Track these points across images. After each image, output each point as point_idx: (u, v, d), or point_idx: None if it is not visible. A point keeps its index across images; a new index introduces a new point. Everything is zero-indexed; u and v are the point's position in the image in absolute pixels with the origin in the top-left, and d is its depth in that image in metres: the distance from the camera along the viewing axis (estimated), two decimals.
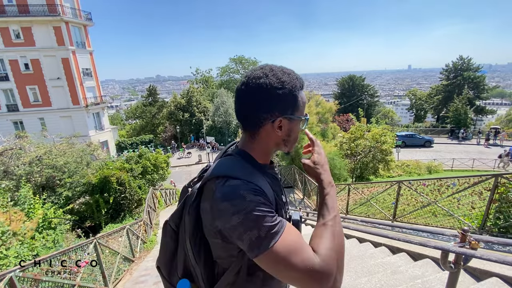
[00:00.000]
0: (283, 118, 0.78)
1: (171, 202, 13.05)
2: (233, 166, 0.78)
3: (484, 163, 17.13)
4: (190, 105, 32.12)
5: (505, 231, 3.86)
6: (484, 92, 32.88)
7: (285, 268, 0.68)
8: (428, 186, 4.92)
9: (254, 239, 0.68)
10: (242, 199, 0.69)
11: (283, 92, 0.76)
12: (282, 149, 0.86)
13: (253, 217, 0.68)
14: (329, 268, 0.68)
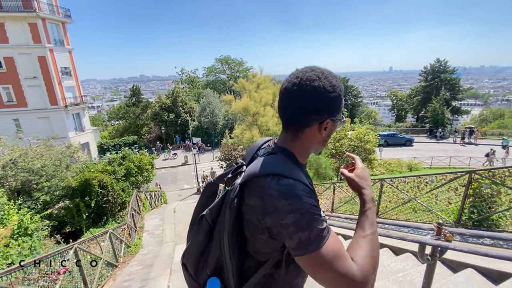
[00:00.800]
0: (330, 120, 0.81)
1: (156, 205, 12.78)
2: (282, 164, 0.79)
3: (460, 161, 18.01)
4: (175, 105, 31.62)
5: (478, 224, 4.07)
6: (459, 93, 34.57)
7: (325, 272, 0.71)
8: (408, 183, 5.12)
9: (304, 240, 0.70)
10: (299, 199, 0.71)
11: (334, 96, 0.79)
12: (318, 149, 0.89)
13: (307, 218, 0.70)
14: (366, 279, 0.70)
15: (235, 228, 0.80)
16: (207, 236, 0.87)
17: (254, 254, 0.83)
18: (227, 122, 30.54)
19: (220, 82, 43.79)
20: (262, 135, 11.34)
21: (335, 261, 0.70)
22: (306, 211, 0.71)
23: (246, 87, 12.75)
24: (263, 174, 0.77)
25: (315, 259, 0.71)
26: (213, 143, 29.10)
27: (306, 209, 0.71)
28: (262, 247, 0.81)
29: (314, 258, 0.71)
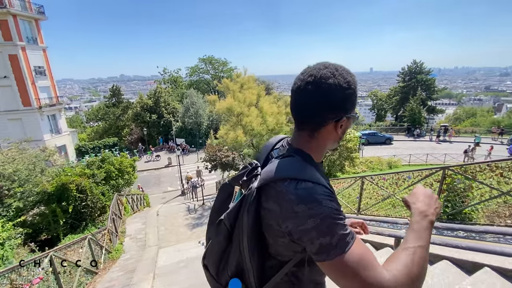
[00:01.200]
0: (346, 118, 0.79)
1: (138, 208, 12.43)
2: (299, 167, 0.76)
3: (436, 158, 18.90)
4: (157, 106, 30.89)
5: (453, 217, 4.29)
6: (434, 93, 36.25)
7: (349, 279, 0.67)
8: (388, 180, 5.30)
9: (325, 245, 0.68)
10: (319, 203, 0.69)
11: (349, 93, 0.77)
12: (333, 147, 0.87)
13: (328, 223, 0.68)
14: (397, 284, 0.64)
15: (254, 231, 0.79)
16: (226, 239, 0.85)
17: (276, 255, 0.83)
18: (212, 122, 30.26)
19: (204, 82, 43.31)
20: (247, 135, 11.35)
21: (361, 268, 0.66)
22: (327, 215, 0.68)
23: (230, 87, 12.69)
24: (280, 178, 0.75)
25: (338, 265, 0.68)
26: (198, 144, 28.73)
27: (327, 213, 0.68)
28: (284, 250, 0.80)
29: (336, 264, 0.68)
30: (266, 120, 11.54)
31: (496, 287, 2.21)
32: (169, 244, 7.43)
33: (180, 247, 6.65)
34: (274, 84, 52.27)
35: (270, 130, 12.19)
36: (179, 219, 9.74)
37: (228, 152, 16.25)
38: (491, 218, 3.94)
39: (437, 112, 37.24)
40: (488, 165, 3.86)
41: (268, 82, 43.26)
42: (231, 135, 10.57)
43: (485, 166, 3.86)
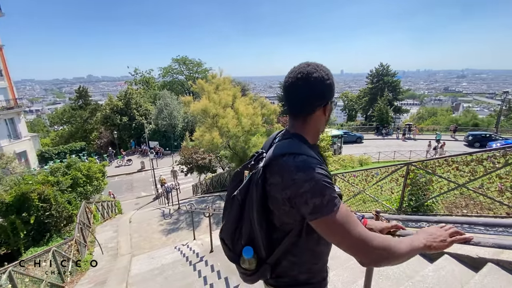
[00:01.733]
0: (328, 104, 0.96)
1: (109, 216, 11.80)
2: (296, 145, 0.92)
3: (402, 154, 20.15)
4: (128, 107, 29.59)
5: (416, 210, 4.61)
6: (400, 94, 38.71)
7: (340, 235, 0.83)
8: (358, 177, 5.56)
9: (318, 204, 0.82)
10: (313, 170, 0.83)
11: (329, 83, 0.94)
12: (322, 129, 1.03)
13: (320, 186, 0.82)
14: (378, 251, 0.81)
15: (261, 205, 0.93)
16: (239, 213, 0.99)
17: (280, 226, 0.96)
18: (187, 124, 29.62)
19: (178, 83, 42.26)
20: (223, 137, 11.24)
21: (349, 225, 0.82)
22: (319, 179, 0.83)
23: (205, 88, 12.50)
24: (281, 154, 0.90)
25: (329, 222, 0.83)
26: (173, 147, 27.95)
27: (319, 178, 0.83)
28: (286, 218, 0.93)
29: (327, 221, 0.83)
30: (242, 121, 11.53)
31: (454, 273, 2.42)
32: (143, 251, 7.15)
33: (154, 254, 6.41)
34: (250, 86, 52.51)
35: (246, 131, 12.20)
36: (153, 225, 9.39)
37: (205, 154, 16.00)
38: (450, 209, 4.29)
39: (402, 111, 39.79)
40: (445, 160, 4.20)
41: (244, 83, 43.31)
42: (206, 137, 10.40)
43: (443, 161, 4.20)
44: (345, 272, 2.85)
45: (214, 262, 4.63)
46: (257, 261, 1.00)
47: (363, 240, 0.82)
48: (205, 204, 11.19)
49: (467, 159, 3.89)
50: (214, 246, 5.45)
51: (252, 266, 1.00)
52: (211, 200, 12.12)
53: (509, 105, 33.06)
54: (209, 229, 5.47)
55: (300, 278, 1.02)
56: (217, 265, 4.48)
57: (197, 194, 16.88)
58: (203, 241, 6.53)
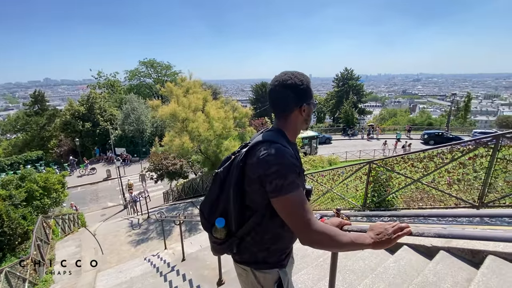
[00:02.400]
0: (306, 105, 1.13)
1: (71, 230, 10.91)
2: (275, 135, 1.09)
3: (367, 153, 21.37)
4: (92, 113, 27.75)
5: (379, 205, 4.92)
6: (363, 97, 41.17)
7: (293, 216, 0.99)
8: (325, 176, 5.79)
9: (279, 185, 0.96)
10: (283, 157, 0.99)
11: (303, 88, 1.10)
12: (303, 127, 1.19)
13: (285, 170, 0.97)
14: (319, 236, 0.97)
15: (238, 183, 1.07)
16: (218, 188, 1.14)
17: (250, 204, 1.09)
18: (156, 129, 28.55)
19: (145, 87, 40.61)
20: (194, 141, 11.02)
21: (302, 210, 0.97)
22: (286, 164, 0.98)
23: (174, 91, 12.19)
24: (260, 141, 1.06)
25: (285, 202, 0.98)
26: (141, 153, 26.74)
27: (287, 164, 0.98)
28: (256, 197, 1.06)
29: (283, 199, 0.98)
30: (213, 125, 11.42)
31: (412, 262, 2.63)
32: (110, 265, 6.72)
33: (122, 267, 6.05)
34: (222, 89, 52.15)
35: (218, 135, 12.10)
36: (121, 236, 8.86)
37: (175, 160, 15.52)
38: (408, 203, 4.64)
39: (366, 113, 42.33)
40: (402, 157, 4.55)
41: (216, 86, 42.96)
42: (176, 141, 10.11)
43: (400, 159, 4.54)
44: (315, 270, 2.94)
45: (186, 271, 4.51)
46: (226, 232, 1.15)
47: (307, 223, 0.97)
48: (176, 212, 10.85)
49: (421, 156, 4.25)
50: (186, 254, 5.30)
51: (222, 235, 1.15)
52: (183, 207, 11.78)
53: (457, 106, 36.72)
54: (180, 237, 5.31)
55: (258, 256, 1.16)
56: (189, 273, 4.37)
57: (168, 201, 16.29)
58: (175, 250, 6.33)
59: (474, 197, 3.72)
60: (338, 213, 1.69)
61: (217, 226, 1.13)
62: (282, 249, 1.19)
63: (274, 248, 1.16)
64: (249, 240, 1.15)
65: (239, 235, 1.14)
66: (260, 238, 1.13)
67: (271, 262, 1.17)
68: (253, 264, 1.18)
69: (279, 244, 1.17)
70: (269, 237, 1.13)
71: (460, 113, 35.48)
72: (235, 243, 1.16)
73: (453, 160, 3.85)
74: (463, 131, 30.07)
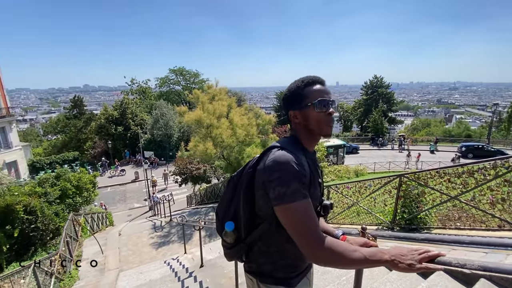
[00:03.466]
0: (292, 111, 1.10)
1: (100, 228, 11.47)
2: (287, 141, 1.07)
3: (397, 165, 20.20)
4: (124, 117, 29.45)
5: (409, 222, 4.52)
6: (394, 106, 39.23)
7: (297, 227, 0.91)
8: (351, 188, 5.48)
9: (282, 193, 0.91)
10: (287, 163, 0.93)
11: (287, 96, 1.11)
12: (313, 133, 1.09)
13: (288, 177, 0.91)
14: (325, 252, 0.88)
15: (248, 188, 1.05)
16: (232, 191, 1.13)
17: (258, 212, 1.06)
18: (183, 134, 29.51)
19: (174, 93, 42.40)
20: (217, 147, 11.15)
21: (304, 219, 0.90)
22: (289, 172, 0.92)
23: (201, 98, 12.51)
24: (271, 147, 1.04)
25: (287, 210, 0.91)
26: (168, 157, 27.72)
27: (290, 171, 0.92)
28: (262, 203, 1.01)
29: (286, 209, 0.91)
30: (236, 132, 11.48)
31: None
32: (132, 266, 6.89)
33: (143, 269, 6.17)
34: (246, 96, 52.85)
35: (240, 141, 12.13)
36: (143, 238, 9.11)
37: (199, 165, 15.82)
38: (443, 222, 4.21)
39: (397, 122, 40.23)
40: (437, 172, 4.16)
41: (241, 94, 43.63)
42: (200, 147, 10.29)
43: (435, 173, 4.15)
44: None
45: (203, 278, 4.45)
46: (235, 237, 1.13)
47: (314, 237, 0.89)
48: (197, 216, 10.96)
49: (459, 171, 3.85)
50: (205, 260, 5.26)
51: (231, 240, 1.13)
52: (204, 212, 11.88)
53: (500, 117, 33.65)
54: (199, 243, 5.29)
55: (265, 268, 1.11)
56: (206, 281, 4.30)
57: (191, 205, 16.59)
58: (194, 255, 6.32)
59: None
60: (364, 232, 1.52)
61: (226, 230, 1.12)
62: (291, 265, 1.12)
63: (281, 263, 1.10)
64: (256, 250, 1.11)
65: (247, 242, 1.11)
66: (267, 249, 1.09)
67: (277, 277, 1.10)
68: (259, 275, 1.12)
69: (286, 259, 1.10)
70: (275, 249, 1.08)
71: (503, 125, 32.31)
72: (243, 249, 1.14)
73: (497, 177, 3.43)
74: (506, 144, 27.42)
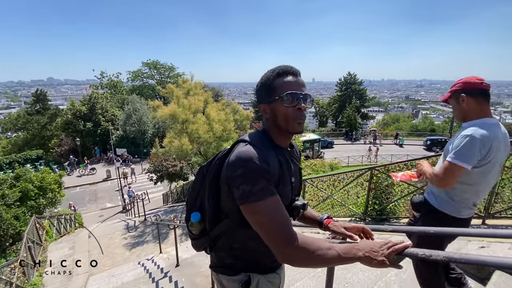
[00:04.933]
0: (262, 104, 1.03)
1: (68, 231, 10.77)
2: (254, 136, 1.00)
3: (369, 158, 21.16)
4: (93, 113, 27.77)
5: (380, 213, 4.73)
6: (366, 102, 40.92)
7: (261, 225, 0.87)
8: (326, 181, 5.63)
9: (246, 191, 0.86)
10: (250, 159, 0.87)
11: (257, 88, 1.04)
12: (282, 128, 1.00)
13: (252, 175, 0.86)
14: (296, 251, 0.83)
15: (214, 180, 1.00)
16: (200, 183, 1.09)
17: (223, 206, 1.01)
18: (158, 130, 28.52)
19: (148, 88, 40.75)
20: (193, 143, 10.91)
21: (274, 217, 0.86)
22: (253, 168, 0.86)
23: (175, 93, 12.13)
24: (238, 141, 1.00)
25: (254, 209, 0.86)
26: (142, 154, 26.68)
27: (254, 167, 0.86)
28: (226, 199, 0.97)
29: (252, 208, 0.86)
30: (213, 127, 11.30)
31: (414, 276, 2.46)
32: (103, 269, 6.55)
33: (115, 272, 5.89)
34: (224, 91, 52.26)
35: (217, 137, 11.98)
36: (116, 239, 8.70)
37: (176, 162, 15.38)
38: (411, 211, 4.46)
39: (369, 118, 42.02)
40: (405, 164, 4.38)
41: (218, 89, 43.01)
42: (175, 143, 10.00)
43: (403, 165, 4.37)
44: (311, 282, 2.79)
45: (179, 277, 4.34)
46: (201, 228, 1.11)
47: (284, 237, 0.84)
48: (174, 214, 10.69)
49: None
50: (181, 259, 5.13)
51: (196, 231, 1.12)
52: (181, 210, 11.61)
53: None
54: (175, 242, 5.15)
55: (226, 262, 1.09)
56: (182, 280, 4.20)
57: (167, 203, 16.15)
58: (170, 254, 6.15)
59: (480, 207, 3.54)
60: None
61: (192, 220, 1.10)
62: (254, 262, 1.09)
63: (244, 259, 1.08)
64: (220, 244, 1.09)
65: (212, 235, 1.09)
66: (230, 245, 1.06)
67: (236, 267, 1.08)
68: (220, 268, 1.12)
69: (250, 257, 1.08)
70: (238, 246, 1.06)
71: None
72: (207, 242, 1.13)
73: None
74: None
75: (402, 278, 2.41)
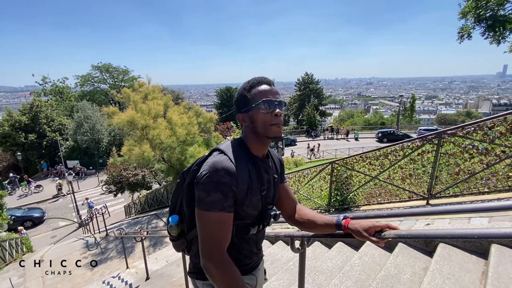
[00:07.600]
0: (240, 114, 1.07)
1: (14, 257, 9.52)
2: (229, 145, 1.03)
3: (329, 153, 22.42)
4: (36, 123, 24.86)
5: (342, 203, 5.11)
6: (323, 100, 43.30)
7: (202, 234, 0.93)
8: (291, 178, 5.88)
9: (201, 198, 0.92)
10: (216, 170, 0.92)
11: (235, 100, 1.09)
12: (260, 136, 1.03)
13: (210, 185, 0.91)
14: (209, 266, 0.91)
15: (190, 185, 1.04)
16: (180, 187, 1.13)
17: None
18: (114, 138, 26.64)
19: (100, 93, 37.73)
20: (155, 149, 10.43)
21: (213, 231, 0.92)
22: (214, 180, 0.91)
23: (132, 97, 11.48)
24: (214, 149, 1.03)
25: (199, 215, 0.94)
26: (98, 165, 24.68)
27: (215, 180, 0.91)
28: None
29: (199, 213, 0.94)
30: (176, 132, 10.95)
31: (375, 257, 2.73)
32: None
33: None
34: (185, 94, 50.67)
35: (181, 141, 11.64)
36: (74, 259, 7.94)
37: (137, 170, 14.53)
38: (368, 199, 4.90)
39: (326, 115, 44.52)
40: (360, 156, 4.79)
41: (179, 91, 41.63)
42: (136, 151, 9.45)
43: (359, 158, 4.78)
44: (285, 275, 2.92)
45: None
46: (179, 231, 1.16)
47: (210, 250, 0.92)
48: (139, 226, 10.14)
49: (377, 154, 4.52)
50: (151, 272, 4.93)
51: (173, 233, 1.16)
52: (146, 221, 11.05)
53: (405, 106, 40.55)
54: (143, 254, 4.92)
55: (200, 266, 1.07)
56: None
57: (130, 215, 15.20)
58: (138, 268, 5.86)
59: (424, 189, 4.04)
60: None
61: (170, 223, 1.15)
62: None
63: None
64: (194, 248, 1.14)
65: (188, 238, 1.15)
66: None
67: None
68: (195, 274, 1.14)
69: None
70: None
71: (407, 113, 39.18)
72: (184, 243, 1.17)
73: (405, 157, 4.15)
74: (410, 129, 33.24)
75: (365, 261, 2.66)
